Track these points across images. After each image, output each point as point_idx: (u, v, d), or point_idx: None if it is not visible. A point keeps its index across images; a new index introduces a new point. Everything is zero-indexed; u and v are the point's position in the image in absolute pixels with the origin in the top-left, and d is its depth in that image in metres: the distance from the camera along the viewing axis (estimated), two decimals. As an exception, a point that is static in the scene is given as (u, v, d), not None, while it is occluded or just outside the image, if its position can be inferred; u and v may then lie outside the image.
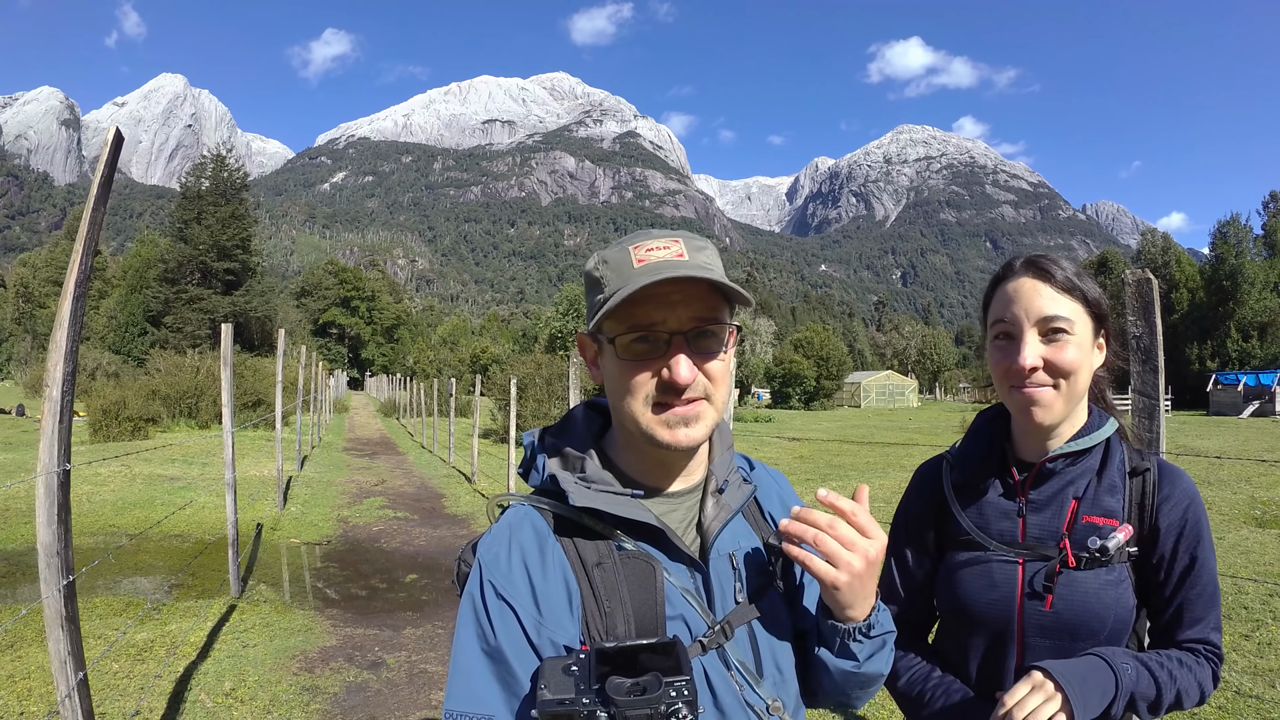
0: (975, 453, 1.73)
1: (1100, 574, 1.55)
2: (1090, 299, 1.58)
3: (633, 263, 1.17)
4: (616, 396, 1.21)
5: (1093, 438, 1.62)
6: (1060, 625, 1.56)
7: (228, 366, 7.74)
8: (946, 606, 1.72)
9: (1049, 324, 1.55)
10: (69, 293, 2.77)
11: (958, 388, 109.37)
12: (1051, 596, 1.56)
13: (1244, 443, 21.66)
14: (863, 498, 1.18)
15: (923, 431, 31.89)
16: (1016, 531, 1.63)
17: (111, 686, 5.06)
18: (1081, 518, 1.58)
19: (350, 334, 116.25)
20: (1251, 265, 61.71)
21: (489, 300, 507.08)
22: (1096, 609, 1.54)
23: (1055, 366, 1.55)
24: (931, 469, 1.83)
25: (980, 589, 1.63)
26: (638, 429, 1.19)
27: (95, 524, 10.24)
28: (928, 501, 1.79)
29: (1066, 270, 1.59)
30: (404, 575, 8.48)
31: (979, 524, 1.67)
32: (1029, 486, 1.64)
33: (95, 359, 46.43)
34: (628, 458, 1.28)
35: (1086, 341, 1.58)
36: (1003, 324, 1.62)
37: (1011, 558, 1.61)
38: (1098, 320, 1.61)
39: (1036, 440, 1.64)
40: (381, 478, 16.60)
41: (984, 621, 1.63)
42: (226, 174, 71.26)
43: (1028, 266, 1.61)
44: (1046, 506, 1.62)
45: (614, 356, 1.19)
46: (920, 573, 1.80)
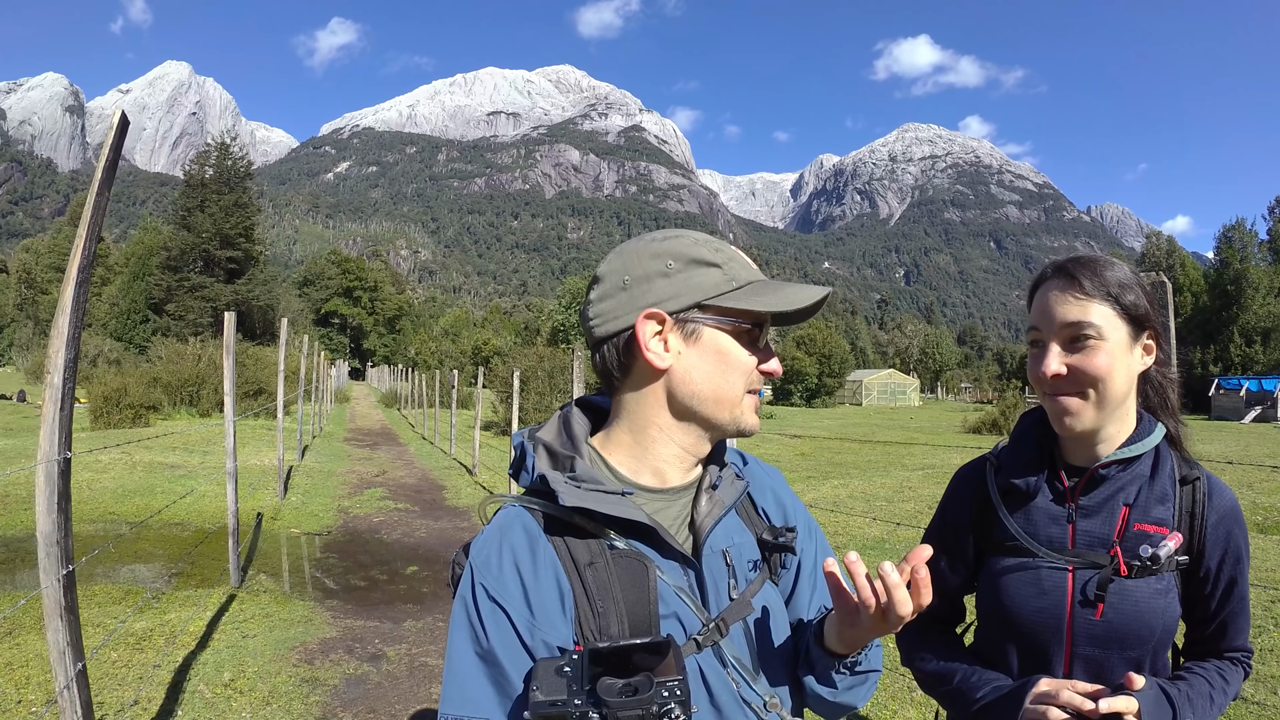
0: (1023, 456, 1.70)
1: (1151, 583, 1.53)
2: (1124, 303, 1.53)
3: (749, 261, 1.27)
4: (719, 379, 1.22)
5: (1144, 444, 1.59)
6: (1111, 634, 1.53)
7: (230, 355, 7.71)
8: (990, 612, 1.68)
9: (1074, 331, 1.53)
10: (71, 278, 2.73)
11: (959, 387, 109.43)
12: (1103, 605, 1.53)
13: (1246, 448, 21.59)
14: (919, 557, 1.11)
15: (924, 431, 31.90)
16: (1066, 538, 1.60)
17: (110, 676, 5.03)
18: (1133, 525, 1.56)
19: (352, 324, 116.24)
20: (1256, 270, 61.55)
21: (491, 292, 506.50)
22: (1147, 618, 1.52)
23: (1081, 374, 1.52)
24: (974, 471, 1.79)
25: (1028, 596, 1.60)
26: (731, 414, 1.24)
27: (95, 511, 10.25)
28: (969, 504, 1.76)
29: (1100, 274, 1.55)
30: (404, 567, 8.47)
31: (1027, 529, 1.63)
32: (1079, 492, 1.61)
33: (97, 346, 46.56)
34: (622, 456, 1.27)
35: (1119, 346, 1.53)
36: (1034, 331, 1.61)
37: (1061, 564, 1.58)
38: (1136, 323, 1.55)
39: (1084, 446, 1.62)
40: (382, 468, 16.60)
41: (1031, 629, 1.60)
42: (230, 162, 71.24)
43: (1057, 272, 1.59)
44: (1097, 513, 1.59)
45: (731, 340, 1.22)
46: (956, 578, 1.78)
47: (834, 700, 1.27)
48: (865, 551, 8.90)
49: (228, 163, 71.01)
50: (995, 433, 29.13)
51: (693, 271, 1.20)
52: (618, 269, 1.23)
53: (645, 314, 1.19)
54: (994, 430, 29.58)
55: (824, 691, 1.26)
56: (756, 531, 1.34)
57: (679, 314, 1.20)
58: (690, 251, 1.21)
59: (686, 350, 1.21)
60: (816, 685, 1.26)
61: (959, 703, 1.67)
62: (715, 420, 1.23)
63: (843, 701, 1.28)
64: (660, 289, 1.20)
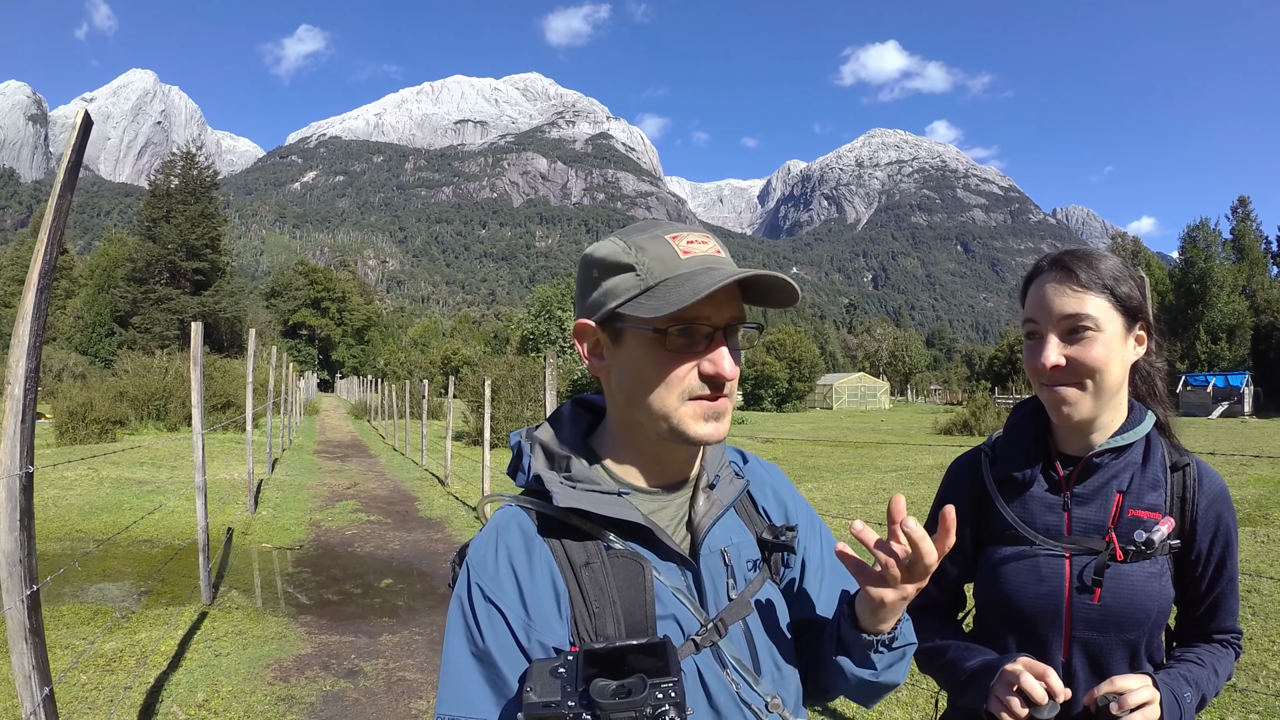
0: (1018, 446, 1.73)
1: (1145, 566, 1.57)
2: (1119, 294, 1.58)
3: (678, 254, 1.17)
4: (642, 388, 1.18)
5: (1136, 432, 1.63)
6: (1108, 618, 1.57)
7: (198, 367, 7.57)
8: (989, 600, 1.71)
9: (1071, 323, 1.57)
10: (33, 284, 2.64)
11: (929, 389, 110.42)
12: (1100, 590, 1.57)
13: (1215, 442, 21.99)
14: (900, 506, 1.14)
15: (895, 433, 32.12)
16: (1062, 525, 1.63)
17: (80, 699, 4.91)
18: (1127, 511, 1.60)
19: (320, 335, 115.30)
20: (1220, 269, 62.95)
21: (460, 302, 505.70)
22: (1143, 601, 1.56)
23: (1080, 365, 1.57)
24: (969, 462, 1.83)
25: (1027, 583, 1.63)
26: (666, 423, 1.17)
27: (61, 529, 10.04)
28: (965, 495, 1.77)
29: (1095, 266, 1.59)
30: (379, 580, 8.36)
31: (1023, 518, 1.67)
32: (1074, 481, 1.65)
33: (61, 360, 45.70)
34: (619, 455, 1.27)
35: (1115, 337, 1.58)
36: (1031, 323, 1.65)
37: (1058, 552, 1.61)
38: (1129, 315, 1.60)
39: (1079, 435, 1.65)
40: (354, 480, 16.43)
41: (1030, 615, 1.63)
42: (196, 172, 70.52)
43: (1053, 265, 1.63)
44: (1092, 500, 1.63)
45: (648, 346, 1.16)
46: (954, 569, 1.81)
47: (876, 680, 1.25)
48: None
49: (193, 172, 70.23)
50: (966, 433, 29.40)
51: (610, 278, 1.19)
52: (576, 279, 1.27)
53: (577, 325, 1.24)
54: (965, 431, 29.85)
55: (865, 674, 1.24)
56: (756, 531, 1.33)
57: (601, 323, 1.21)
58: (610, 255, 1.18)
59: (614, 359, 1.22)
60: (856, 669, 1.24)
61: (951, 673, 1.70)
62: (651, 428, 1.20)
63: (884, 680, 1.27)
64: (590, 299, 1.21)
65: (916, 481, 14.87)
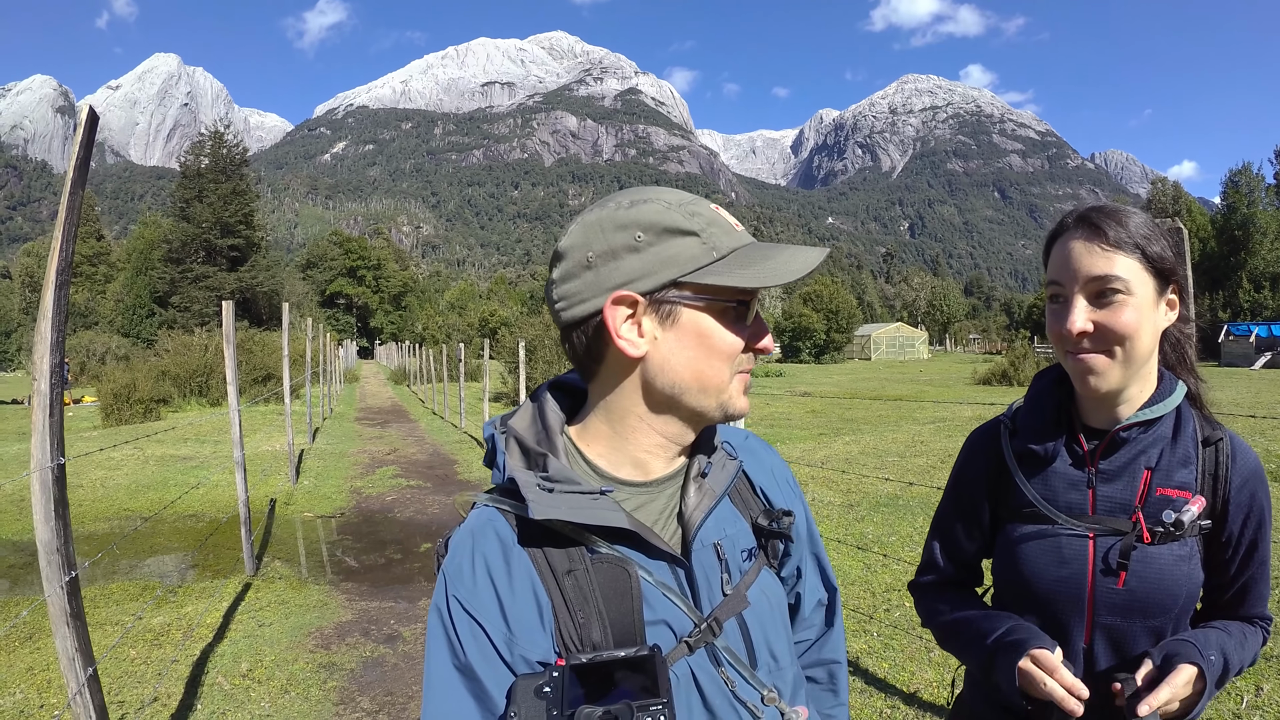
0: (1040, 418, 1.62)
1: (1174, 548, 1.47)
2: (1150, 254, 1.45)
3: (732, 223, 1.13)
4: (703, 365, 1.10)
5: (1166, 404, 1.51)
6: (1133, 603, 1.48)
7: (231, 344, 7.69)
8: (1008, 581, 1.63)
9: (1100, 285, 1.44)
10: (50, 282, 2.67)
11: (968, 339, 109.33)
12: (1125, 574, 1.48)
13: (1257, 394, 21.38)
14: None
15: (934, 384, 31.83)
16: (1086, 504, 1.53)
17: (129, 674, 5.06)
18: (1155, 489, 1.49)
19: (358, 303, 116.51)
20: (1264, 215, 61.02)
21: (495, 263, 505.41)
22: (1171, 586, 1.47)
23: (1108, 330, 1.44)
24: (987, 434, 1.73)
25: (1048, 565, 1.55)
26: (718, 399, 1.12)
27: (109, 509, 10.29)
28: (983, 469, 1.70)
29: (1125, 224, 1.45)
30: (418, 544, 8.49)
31: (1045, 495, 1.57)
32: (1100, 456, 1.54)
33: (104, 343, 46.67)
34: (604, 445, 1.16)
35: (1146, 302, 1.45)
36: (1055, 285, 1.52)
37: (1082, 532, 1.52)
38: (1162, 277, 1.47)
39: (1105, 407, 1.54)
40: (394, 446, 16.63)
41: (1051, 599, 1.55)
42: (225, 150, 71.00)
43: (1079, 222, 1.49)
44: (1118, 477, 1.52)
45: (721, 318, 1.09)
46: (972, 546, 1.74)
47: None
48: (879, 509, 8.88)
49: (223, 151, 70.73)
50: (1005, 384, 29.08)
51: (666, 243, 1.06)
52: (580, 244, 1.09)
53: (614, 297, 1.06)
54: (1004, 381, 29.52)
55: None
56: (752, 516, 1.26)
57: (652, 294, 1.07)
58: (662, 219, 1.06)
59: (664, 335, 1.09)
60: None
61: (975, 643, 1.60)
62: (700, 409, 1.12)
63: None
64: (629, 266, 1.06)
65: (954, 433, 14.70)
